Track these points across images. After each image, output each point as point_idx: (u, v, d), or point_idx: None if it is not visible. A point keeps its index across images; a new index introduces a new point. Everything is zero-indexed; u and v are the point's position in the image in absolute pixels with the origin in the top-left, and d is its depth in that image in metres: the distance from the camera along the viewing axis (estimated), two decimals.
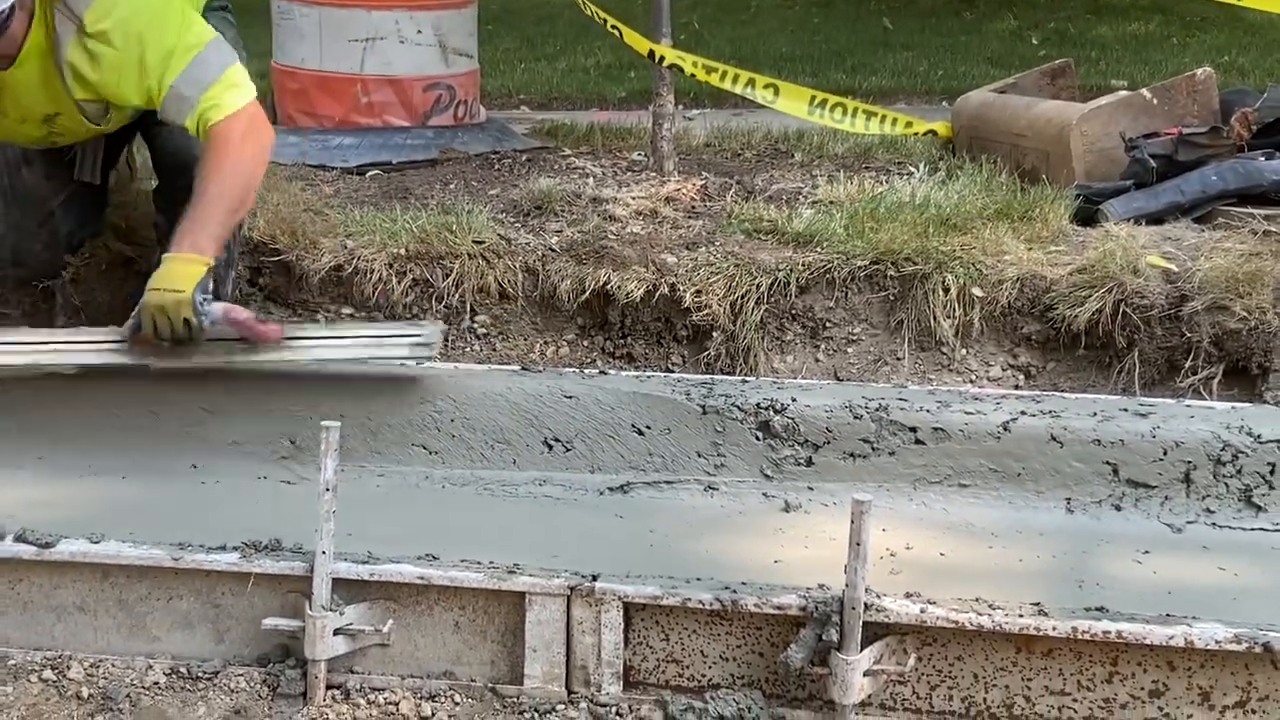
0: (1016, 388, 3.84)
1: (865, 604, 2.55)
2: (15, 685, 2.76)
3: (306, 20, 5.60)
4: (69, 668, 2.80)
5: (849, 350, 3.99)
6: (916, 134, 5.41)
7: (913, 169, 4.98)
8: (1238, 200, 4.24)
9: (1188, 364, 3.75)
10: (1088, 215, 4.34)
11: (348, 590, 2.74)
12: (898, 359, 3.94)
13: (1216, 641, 2.51)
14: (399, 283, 4.08)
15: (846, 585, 2.54)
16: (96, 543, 2.84)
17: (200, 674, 2.78)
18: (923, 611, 2.59)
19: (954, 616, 2.58)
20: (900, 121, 5.44)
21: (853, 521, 2.52)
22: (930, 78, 9.00)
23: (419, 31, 5.57)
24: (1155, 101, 4.59)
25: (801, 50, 10.37)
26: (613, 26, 5.28)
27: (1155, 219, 4.26)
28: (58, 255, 4.06)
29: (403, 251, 4.11)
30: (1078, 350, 3.86)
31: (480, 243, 4.14)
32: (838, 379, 3.92)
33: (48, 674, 2.79)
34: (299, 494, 3.30)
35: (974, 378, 3.88)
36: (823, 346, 4.00)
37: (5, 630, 2.87)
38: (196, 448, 3.48)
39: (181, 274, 3.31)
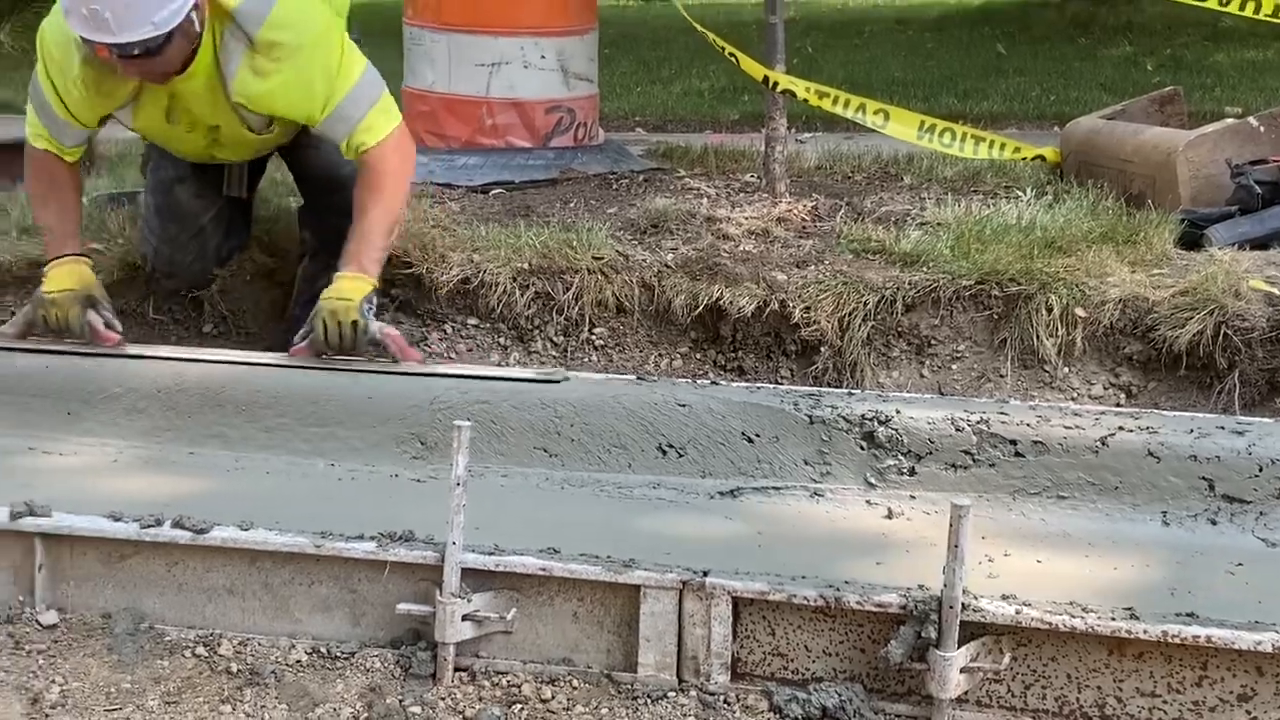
0: (1117, 405, 3.94)
1: (962, 604, 2.68)
2: (170, 660, 2.97)
3: (436, 46, 5.84)
4: (219, 645, 3.01)
5: (953, 367, 4.11)
6: (1025, 159, 5.51)
7: (1020, 193, 5.09)
8: None
9: None
10: (1192, 240, 4.41)
11: (475, 579, 2.91)
12: (1000, 376, 4.05)
13: None
14: (522, 295, 4.29)
15: (945, 585, 2.67)
16: (246, 530, 3.04)
17: (339, 654, 2.97)
18: (1018, 612, 2.71)
19: (1048, 618, 2.70)
20: (1009, 147, 5.54)
21: (951, 526, 2.65)
22: (1042, 103, 9.05)
23: (542, 57, 5.78)
24: (1262, 129, 4.65)
25: (913, 75, 10.47)
26: (730, 53, 5.45)
27: (1260, 244, 4.33)
28: (208, 267, 4.35)
29: (526, 266, 4.32)
30: (1179, 370, 3.95)
31: (599, 258, 4.33)
32: (941, 394, 4.05)
33: (200, 650, 2.99)
34: (429, 491, 3.49)
35: (1076, 395, 3.98)
36: (928, 363, 4.13)
37: (162, 609, 3.08)
38: (335, 447, 3.69)
39: (350, 288, 3.71)
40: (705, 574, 2.86)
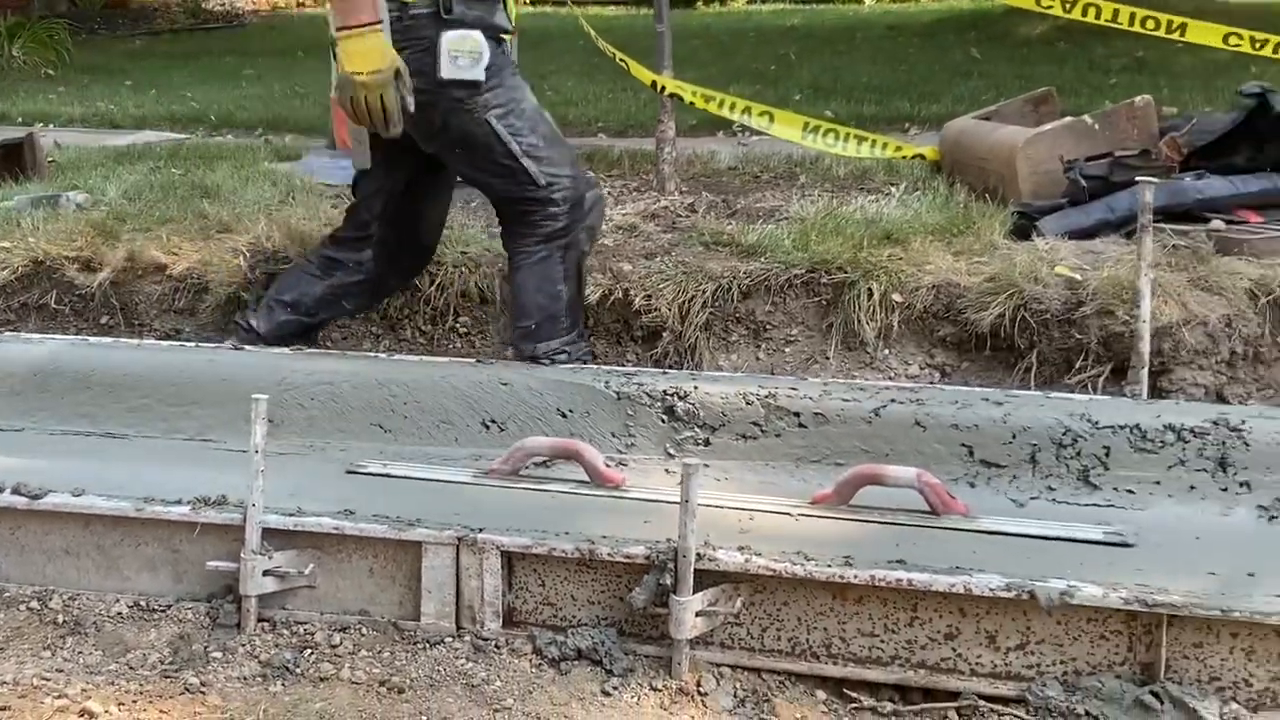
0: (930, 384, 4.18)
1: (697, 554, 2.96)
2: (6, 613, 3.29)
3: None
4: (51, 599, 3.32)
5: (786, 350, 4.37)
6: (905, 157, 5.77)
7: (893, 189, 5.35)
8: (1165, 217, 4.50)
9: (1079, 363, 4.06)
10: (1026, 231, 4.65)
11: (279, 539, 3.21)
12: (827, 358, 4.31)
13: (991, 589, 2.87)
14: None
15: (679, 536, 2.96)
16: (77, 496, 3.35)
17: (157, 607, 3.27)
18: (747, 561, 2.98)
19: (773, 566, 2.98)
20: (890, 145, 5.80)
21: (681, 482, 2.94)
22: (988, 106, 9.23)
23: None
24: (1097, 127, 4.89)
25: (879, 80, 10.67)
26: (620, 60, 5.74)
27: (1088, 234, 4.54)
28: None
29: None
30: (986, 351, 4.17)
31: (466, 252, 4.63)
32: (773, 375, 4.31)
33: (34, 604, 3.31)
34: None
35: (894, 375, 4.22)
36: (763, 346, 4.39)
37: (8, 569, 3.40)
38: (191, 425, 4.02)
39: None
40: (479, 531, 3.14)
